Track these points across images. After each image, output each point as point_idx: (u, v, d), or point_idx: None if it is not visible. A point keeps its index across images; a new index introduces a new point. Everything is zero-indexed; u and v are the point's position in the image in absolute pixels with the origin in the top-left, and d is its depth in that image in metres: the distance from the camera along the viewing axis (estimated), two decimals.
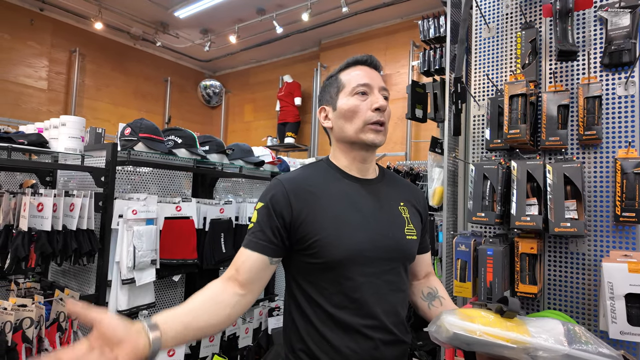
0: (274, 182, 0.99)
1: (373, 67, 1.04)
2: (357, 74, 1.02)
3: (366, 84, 1.00)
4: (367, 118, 0.98)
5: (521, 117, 1.55)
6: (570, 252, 1.60)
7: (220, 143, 2.13)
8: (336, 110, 1.02)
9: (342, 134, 1.03)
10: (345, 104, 1.00)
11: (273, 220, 0.93)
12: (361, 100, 0.99)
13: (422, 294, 1.14)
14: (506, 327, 0.82)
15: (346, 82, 1.02)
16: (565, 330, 0.81)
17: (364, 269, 0.94)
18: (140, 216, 1.70)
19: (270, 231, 0.93)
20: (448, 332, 0.81)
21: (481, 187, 1.57)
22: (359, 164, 1.04)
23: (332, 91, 1.05)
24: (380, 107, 0.97)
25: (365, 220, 0.97)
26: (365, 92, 1.00)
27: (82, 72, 5.16)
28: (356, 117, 0.99)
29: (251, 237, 0.94)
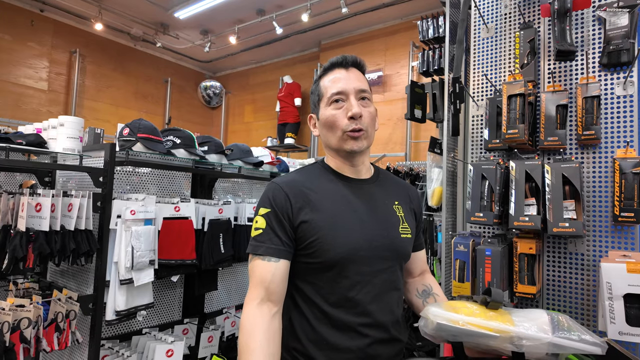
0: (271, 185, 0.99)
1: (350, 67, 1.03)
2: (332, 79, 1.02)
3: (340, 92, 0.99)
4: (344, 127, 0.99)
5: (519, 117, 1.55)
6: (569, 253, 1.60)
7: (219, 143, 2.13)
8: (320, 119, 1.04)
9: (327, 143, 1.04)
10: (324, 114, 1.02)
11: (283, 223, 0.93)
12: (337, 109, 1.00)
13: (417, 292, 1.14)
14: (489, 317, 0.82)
15: (324, 91, 1.03)
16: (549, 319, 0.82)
17: (360, 268, 0.94)
18: (138, 216, 1.70)
19: (285, 234, 0.93)
20: (432, 323, 0.82)
21: (479, 187, 1.57)
22: (350, 167, 1.05)
23: (315, 99, 1.06)
24: (354, 114, 0.97)
25: (360, 220, 0.98)
26: (341, 99, 1.00)
27: (82, 73, 5.17)
28: (335, 126, 1.00)
29: (268, 245, 0.92)
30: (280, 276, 0.93)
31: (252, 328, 0.86)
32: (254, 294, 0.90)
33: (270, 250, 0.92)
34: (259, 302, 0.90)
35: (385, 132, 4.61)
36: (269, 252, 0.92)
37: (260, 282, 0.90)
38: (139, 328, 2.01)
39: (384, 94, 4.67)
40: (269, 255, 0.92)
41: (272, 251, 0.92)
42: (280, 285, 0.93)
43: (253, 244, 0.94)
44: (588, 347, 0.77)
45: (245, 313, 0.89)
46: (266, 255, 0.92)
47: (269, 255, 0.92)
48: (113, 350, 1.77)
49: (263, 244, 0.93)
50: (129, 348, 1.85)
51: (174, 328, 2.12)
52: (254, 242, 0.94)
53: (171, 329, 2.11)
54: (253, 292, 0.91)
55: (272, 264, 0.91)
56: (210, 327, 2.19)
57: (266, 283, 0.91)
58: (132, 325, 2.01)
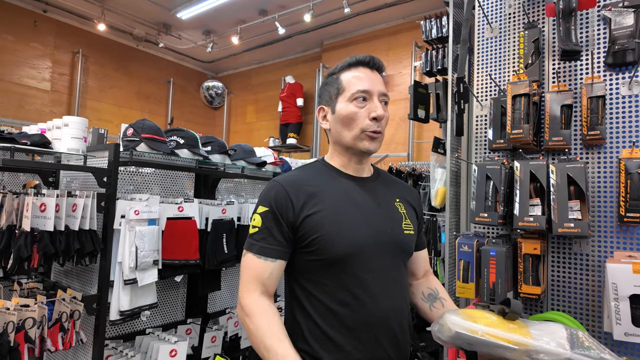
0: (272, 184, 0.98)
1: (375, 69, 1.03)
2: (357, 77, 1.01)
3: (366, 91, 0.99)
4: (365, 126, 0.98)
5: (524, 117, 1.54)
6: (574, 253, 1.59)
7: (222, 144, 2.13)
8: (335, 113, 1.02)
9: (339, 138, 1.03)
10: (344, 109, 1.00)
11: (280, 223, 0.93)
12: (360, 107, 0.99)
13: (423, 295, 1.14)
14: (508, 328, 0.82)
15: (346, 85, 1.01)
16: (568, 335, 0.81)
17: (365, 265, 0.94)
18: (142, 216, 1.70)
19: (281, 235, 0.93)
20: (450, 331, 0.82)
21: (484, 188, 1.56)
22: (355, 165, 1.05)
23: (332, 92, 1.04)
24: (378, 116, 0.97)
25: (364, 216, 0.97)
26: (365, 99, 0.99)
27: (85, 73, 5.18)
28: (354, 124, 0.99)
29: (262, 244, 0.92)
30: (277, 275, 0.94)
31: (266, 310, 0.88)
32: (251, 286, 0.91)
33: (264, 249, 0.92)
34: (259, 293, 0.91)
35: (387, 132, 4.61)
36: (263, 252, 0.92)
37: (257, 277, 0.92)
38: (143, 328, 2.01)
39: None
40: (264, 254, 0.92)
41: (267, 251, 0.92)
42: (275, 284, 0.94)
43: (249, 242, 0.95)
44: None
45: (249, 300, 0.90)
46: (262, 255, 0.92)
47: (265, 255, 0.92)
48: (117, 350, 1.77)
49: (258, 242, 0.93)
50: (133, 348, 1.85)
51: (177, 328, 2.12)
52: (250, 240, 0.95)
53: (174, 329, 2.11)
54: (250, 285, 0.92)
55: (268, 263, 0.92)
56: (213, 327, 2.20)
57: (263, 279, 0.92)
58: (136, 325, 2.01)
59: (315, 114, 1.10)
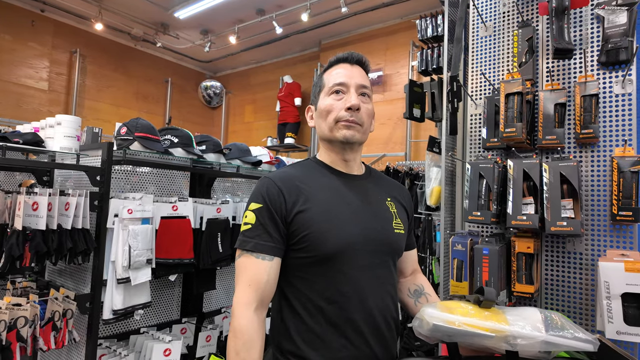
0: (264, 180, 0.98)
1: (355, 63, 1.05)
2: (336, 72, 1.03)
3: (342, 83, 1.01)
4: (339, 116, 1.00)
5: (517, 116, 1.54)
6: (567, 252, 1.59)
7: (217, 142, 2.13)
8: (317, 110, 1.05)
9: (320, 133, 1.05)
10: (323, 103, 1.03)
11: (275, 219, 0.92)
12: (336, 100, 1.01)
13: (409, 292, 1.14)
14: (485, 317, 0.82)
15: (326, 82, 1.04)
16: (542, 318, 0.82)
17: (355, 262, 0.94)
18: (135, 215, 1.70)
19: (276, 231, 0.92)
20: (428, 324, 0.82)
21: (477, 186, 1.56)
22: (343, 161, 1.05)
23: (316, 91, 1.07)
24: (352, 106, 0.98)
25: (354, 213, 0.97)
26: (341, 91, 1.01)
27: (82, 73, 5.17)
28: (329, 115, 1.01)
29: (257, 240, 0.91)
30: (275, 276, 0.92)
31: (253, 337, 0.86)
32: (249, 296, 0.89)
33: (260, 246, 0.91)
34: (255, 307, 0.89)
35: (385, 132, 4.60)
36: (259, 248, 0.90)
37: (256, 283, 0.89)
38: (137, 327, 2.01)
39: (384, 93, 4.67)
40: (260, 252, 0.90)
41: (263, 248, 0.91)
42: (274, 287, 0.93)
43: (241, 239, 0.93)
44: (580, 345, 0.77)
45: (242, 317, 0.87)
46: (258, 252, 0.90)
47: (262, 252, 0.90)
48: (110, 350, 1.77)
49: (252, 239, 0.91)
50: (127, 347, 1.85)
51: (172, 327, 2.12)
52: (243, 237, 0.93)
53: (169, 328, 2.11)
54: (247, 293, 0.89)
55: (266, 262, 0.90)
56: (208, 326, 2.19)
57: (262, 284, 0.89)
58: (130, 325, 2.01)
59: (305, 113, 1.12)
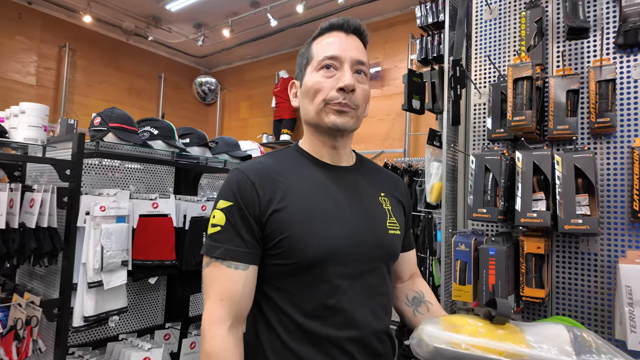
0: (234, 172, 0.83)
1: (351, 32, 0.88)
2: (327, 42, 0.86)
3: (334, 57, 0.83)
4: (329, 98, 0.83)
5: (527, 103, 1.40)
6: (581, 252, 1.45)
7: (202, 135, 1.99)
8: (302, 87, 0.88)
9: (305, 115, 0.88)
10: (310, 79, 0.85)
11: (248, 219, 0.77)
12: (326, 77, 0.83)
13: (407, 299, 1.00)
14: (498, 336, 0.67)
15: (314, 54, 0.86)
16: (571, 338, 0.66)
17: (341, 270, 0.79)
18: (109, 213, 1.56)
19: (250, 234, 0.77)
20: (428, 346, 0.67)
21: (482, 181, 1.42)
22: (330, 150, 0.89)
23: (302, 63, 0.90)
24: (345, 86, 0.81)
25: (341, 211, 0.82)
26: (332, 66, 0.83)
27: (72, 67, 5.03)
28: (317, 95, 0.84)
29: (228, 245, 0.76)
30: (251, 287, 0.78)
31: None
32: (221, 312, 0.74)
33: (231, 253, 0.76)
34: (230, 324, 0.74)
35: (383, 128, 4.47)
36: (230, 255, 0.76)
37: (229, 296, 0.75)
38: (116, 334, 1.87)
39: (382, 88, 4.53)
40: (232, 259, 0.76)
41: (235, 254, 0.76)
42: (251, 300, 0.78)
43: (209, 244, 0.78)
44: None
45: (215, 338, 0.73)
46: (230, 260, 0.76)
47: (234, 260, 0.76)
48: (83, 359, 1.63)
49: (221, 244, 0.77)
50: (102, 356, 1.71)
51: (154, 333, 1.98)
52: (211, 242, 0.78)
53: (151, 335, 1.97)
54: (219, 309, 0.74)
55: (239, 272, 0.76)
56: (193, 332, 2.05)
57: (236, 298, 0.75)
58: (109, 331, 1.87)
59: (288, 90, 0.95)
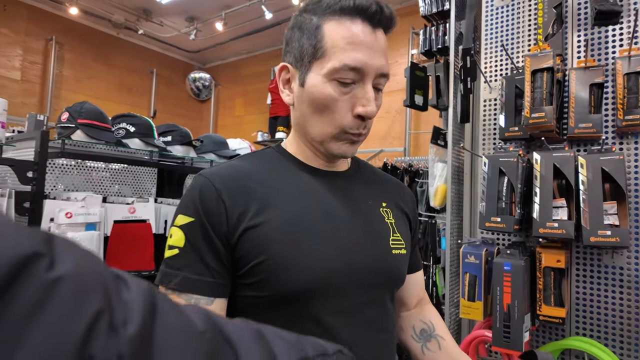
0: (197, 180, 0.66)
1: (381, 28, 0.67)
2: (351, 39, 0.63)
3: (358, 69, 0.63)
4: (345, 124, 0.66)
5: (547, 98, 1.24)
6: (605, 266, 1.30)
7: (185, 133, 1.82)
8: (304, 88, 0.67)
9: (304, 126, 0.70)
10: (318, 89, 0.65)
11: (212, 240, 0.61)
12: (343, 93, 0.64)
13: (414, 332, 0.83)
14: None
15: (329, 48, 0.64)
16: None
17: (333, 303, 0.63)
18: (77, 220, 1.39)
19: (216, 259, 0.61)
20: None
21: (497, 185, 1.26)
22: (322, 156, 0.73)
23: (306, 48, 0.67)
24: (367, 114, 0.65)
25: (333, 228, 0.66)
26: (352, 81, 0.64)
27: (59, 62, 4.84)
28: (328, 116, 0.66)
29: (187, 274, 0.60)
30: None
31: None
32: None
33: (191, 283, 0.60)
34: None
35: (383, 126, 4.30)
36: (190, 287, 0.60)
37: None
38: None
39: None
40: (192, 291, 0.60)
41: (196, 285, 0.60)
42: None
43: (164, 272, 0.62)
44: None
45: None
46: (190, 293, 0.60)
47: (195, 293, 0.60)
48: None
49: (179, 272, 0.60)
50: None
51: None
52: (165, 269, 0.62)
53: None
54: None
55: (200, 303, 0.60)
56: None
57: None
58: None
59: (276, 73, 0.75)
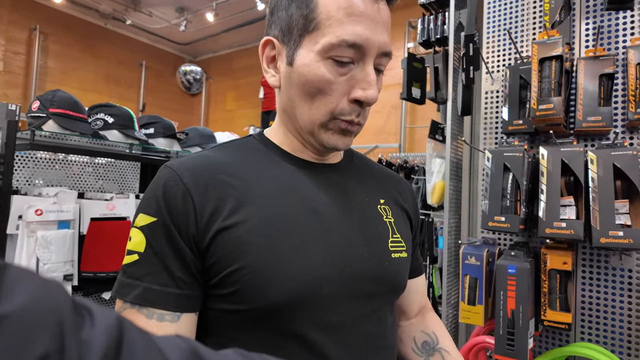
0: (162, 172, 0.55)
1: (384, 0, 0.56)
2: (349, 9, 0.53)
3: (359, 46, 0.53)
4: (339, 110, 0.55)
5: (555, 88, 1.16)
6: (612, 268, 1.23)
7: (169, 125, 1.72)
8: (292, 67, 0.56)
9: (292, 114, 0.60)
10: (309, 69, 0.54)
11: (178, 244, 0.51)
12: (339, 74, 0.54)
13: (415, 344, 0.74)
14: None
15: (324, 19, 0.53)
16: None
17: (323, 318, 0.54)
18: (48, 217, 1.28)
19: (182, 267, 0.51)
20: None
21: (501, 182, 1.18)
22: (310, 147, 0.62)
23: (296, 18, 0.56)
24: (367, 99, 0.54)
25: (323, 228, 0.56)
26: (351, 62, 0.54)
27: (44, 52, 4.68)
28: (319, 100, 0.55)
29: (149, 284, 0.50)
30: None
31: None
32: None
33: (153, 295, 0.50)
34: None
35: (378, 121, 4.21)
36: (151, 300, 0.50)
37: None
38: None
39: None
40: (155, 305, 0.50)
41: (159, 298, 0.50)
42: None
43: (121, 282, 0.52)
44: None
45: None
46: (150, 307, 0.50)
47: (158, 307, 0.50)
48: None
49: (139, 282, 0.50)
50: None
51: None
52: (123, 279, 0.52)
53: None
54: None
55: (166, 325, 0.50)
56: None
57: None
58: None
59: (259, 50, 0.61)
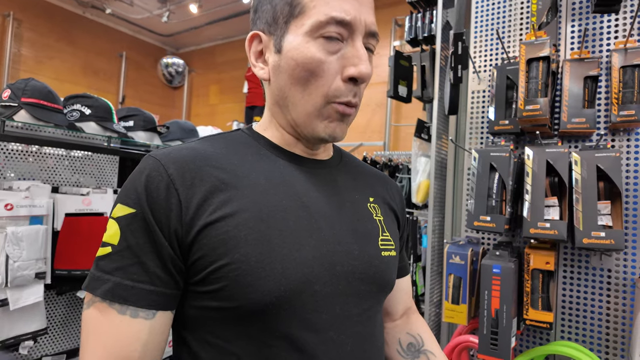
0: (146, 162, 0.52)
1: None
2: None
3: (347, 23, 0.52)
4: (333, 91, 0.53)
5: (542, 89, 1.16)
6: (592, 268, 1.25)
7: (149, 118, 1.66)
8: (281, 54, 0.55)
9: (284, 105, 0.57)
10: (298, 51, 0.53)
11: (157, 239, 0.48)
12: (329, 53, 0.53)
13: (400, 346, 0.73)
14: None
15: (308, 2, 0.53)
16: None
17: (312, 318, 0.51)
18: (19, 212, 1.22)
19: (159, 262, 0.48)
20: None
21: (487, 182, 1.18)
22: (301, 142, 0.61)
23: (280, 6, 0.55)
24: (361, 75, 0.53)
25: (314, 224, 0.54)
26: (338, 37, 0.53)
27: (17, 40, 4.48)
28: (312, 83, 0.53)
29: (121, 279, 0.47)
30: (158, 345, 0.49)
31: None
32: None
33: (125, 291, 0.47)
34: None
35: (362, 119, 4.21)
36: (124, 295, 0.47)
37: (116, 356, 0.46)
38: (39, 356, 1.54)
39: None
40: (126, 301, 0.47)
41: (132, 294, 0.47)
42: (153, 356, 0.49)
43: (92, 275, 0.49)
44: None
45: None
46: (123, 303, 0.47)
47: (130, 303, 0.47)
48: None
49: (110, 276, 0.48)
50: None
51: None
52: (95, 271, 0.49)
53: None
54: None
55: (139, 322, 0.47)
56: None
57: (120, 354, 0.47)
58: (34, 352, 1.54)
59: (246, 46, 0.60)
